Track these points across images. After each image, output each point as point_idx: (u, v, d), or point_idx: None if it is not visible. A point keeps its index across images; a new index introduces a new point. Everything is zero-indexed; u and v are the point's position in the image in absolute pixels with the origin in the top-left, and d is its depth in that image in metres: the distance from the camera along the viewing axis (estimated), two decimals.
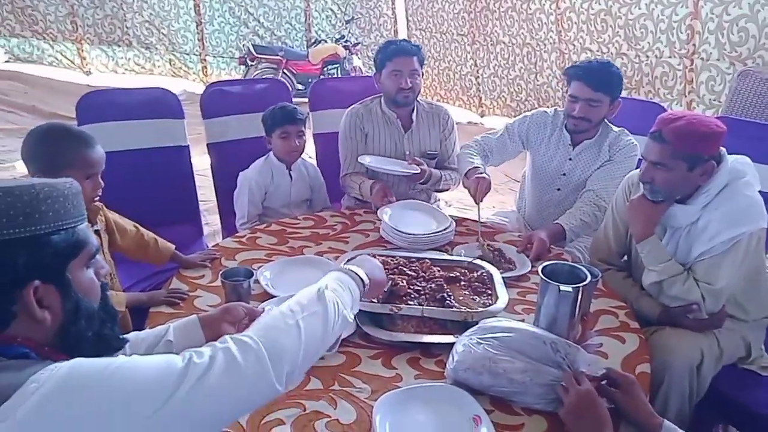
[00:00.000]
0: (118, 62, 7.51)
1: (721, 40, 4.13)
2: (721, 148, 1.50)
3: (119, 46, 7.42)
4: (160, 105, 2.37)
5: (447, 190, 2.36)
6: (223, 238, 2.23)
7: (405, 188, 2.28)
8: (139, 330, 1.24)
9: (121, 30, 7.33)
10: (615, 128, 2.09)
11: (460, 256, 1.75)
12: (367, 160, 2.18)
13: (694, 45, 4.33)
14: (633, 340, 1.38)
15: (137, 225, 1.72)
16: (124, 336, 0.94)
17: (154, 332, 1.20)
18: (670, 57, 4.55)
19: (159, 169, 2.38)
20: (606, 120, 2.07)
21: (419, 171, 2.11)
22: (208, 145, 2.50)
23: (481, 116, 6.61)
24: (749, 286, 1.57)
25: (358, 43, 6.96)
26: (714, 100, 4.31)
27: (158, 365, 0.74)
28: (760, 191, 1.54)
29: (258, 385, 0.80)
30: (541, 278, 1.28)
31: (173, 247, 1.71)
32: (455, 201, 4.14)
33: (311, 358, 0.91)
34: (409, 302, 1.41)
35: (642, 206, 1.58)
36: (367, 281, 1.10)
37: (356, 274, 1.09)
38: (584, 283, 1.25)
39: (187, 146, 2.43)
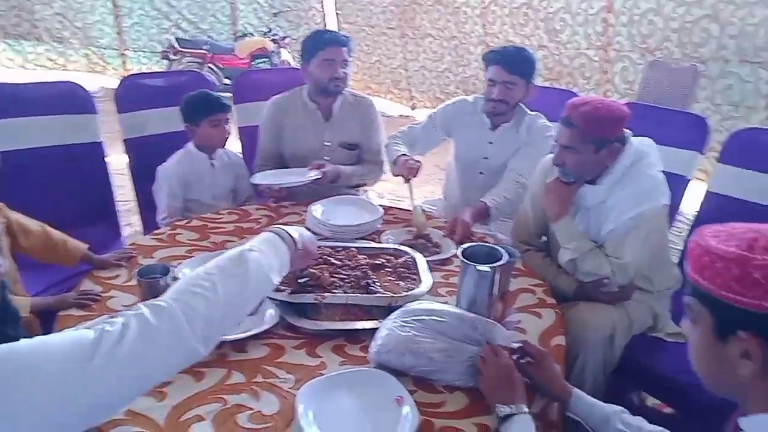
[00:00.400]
0: (27, 57, 7.04)
1: (633, 32, 4.38)
2: (626, 130, 1.59)
3: (28, 40, 6.96)
4: (70, 100, 2.25)
5: (364, 185, 2.35)
6: None
7: (322, 187, 2.23)
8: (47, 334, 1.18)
9: (30, 23, 6.87)
10: (530, 112, 2.18)
11: (389, 240, 1.78)
12: (261, 180, 2.07)
13: (608, 37, 4.57)
14: (549, 315, 1.44)
15: (44, 225, 1.61)
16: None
17: None
18: (587, 49, 4.78)
19: (71, 167, 2.26)
20: (522, 104, 2.16)
21: (320, 176, 2.06)
22: (125, 140, 2.39)
23: (412, 109, 6.70)
24: (654, 259, 1.67)
25: (286, 37, 6.85)
26: (628, 89, 4.56)
27: (68, 339, 0.73)
28: (662, 171, 1.65)
29: (175, 347, 0.79)
30: (461, 260, 1.32)
31: (85, 246, 1.61)
32: (387, 193, 4.17)
33: (231, 320, 0.90)
34: (334, 291, 1.40)
35: (556, 188, 1.65)
36: (300, 245, 1.09)
37: (289, 234, 1.07)
38: (501, 262, 1.29)
39: (101, 143, 2.32)
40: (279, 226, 1.12)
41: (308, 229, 1.80)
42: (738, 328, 0.72)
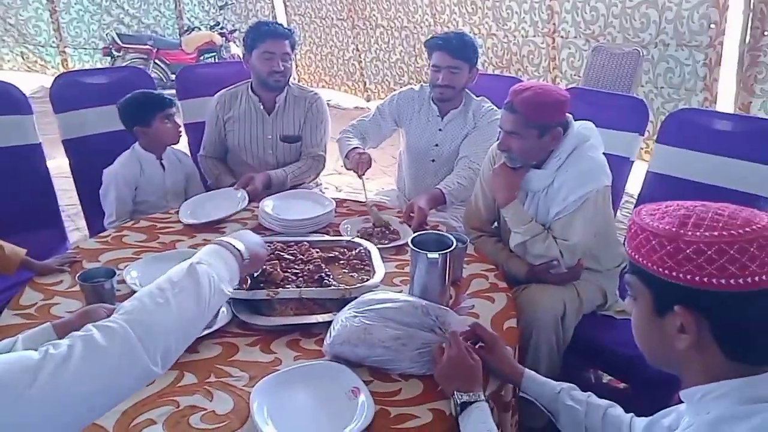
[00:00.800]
0: None
1: (577, 18, 4.48)
2: (568, 114, 1.63)
3: None
4: (2, 100, 2.14)
5: (302, 183, 2.32)
6: None
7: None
8: None
9: None
10: (476, 97, 2.22)
11: (347, 229, 1.79)
12: (187, 216, 1.87)
13: (554, 24, 4.66)
14: (501, 299, 1.46)
15: None
16: None
17: None
18: (534, 36, 4.85)
19: (8, 171, 2.16)
20: (467, 90, 2.19)
21: (247, 200, 1.94)
22: (63, 141, 2.30)
23: (368, 101, 6.67)
24: (601, 239, 1.72)
25: (234, 30, 6.72)
26: (574, 75, 4.67)
27: (8, 360, 0.70)
28: (607, 153, 1.70)
29: (127, 368, 0.77)
30: (411, 248, 1.33)
31: (24, 252, 1.54)
32: (345, 186, 4.16)
33: (187, 335, 0.89)
34: (287, 286, 1.39)
35: (503, 173, 1.68)
36: (246, 255, 1.07)
37: (234, 246, 1.06)
38: (450, 249, 1.31)
39: (40, 144, 2.23)
40: (222, 238, 1.09)
41: (260, 225, 1.80)
42: (674, 303, 0.74)
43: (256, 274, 1.37)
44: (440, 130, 2.21)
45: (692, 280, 0.71)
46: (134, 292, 1.39)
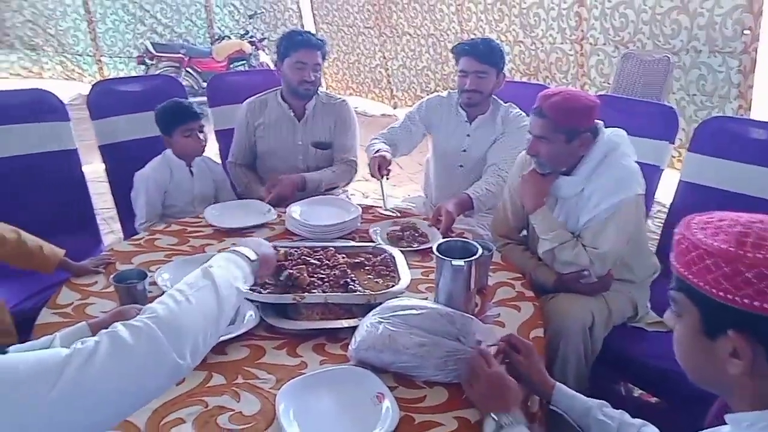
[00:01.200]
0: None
1: (605, 25, 4.42)
2: (597, 121, 1.62)
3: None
4: (40, 107, 2.22)
5: (336, 187, 2.35)
6: None
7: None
8: (25, 342, 1.17)
9: (0, 31, 6.75)
10: (504, 103, 2.22)
11: (376, 233, 1.80)
12: (216, 220, 1.89)
13: (582, 31, 4.61)
14: (528, 308, 1.45)
15: (18, 231, 1.58)
16: (4, 348, 0.89)
17: (38, 343, 1.14)
18: (562, 43, 4.81)
19: (46, 175, 2.23)
20: (495, 96, 2.20)
21: (274, 214, 1.94)
22: (100, 147, 2.37)
23: (394, 108, 6.69)
24: (633, 248, 1.69)
25: (264, 39, 6.82)
26: (603, 82, 4.60)
27: (40, 355, 0.72)
28: (636, 161, 1.67)
29: (154, 367, 0.79)
30: (436, 255, 1.33)
31: (62, 252, 1.59)
32: (372, 192, 4.18)
33: (212, 331, 0.90)
34: (313, 291, 1.41)
35: (532, 179, 1.67)
36: (254, 257, 1.10)
37: (241, 252, 1.09)
38: (475, 257, 1.30)
39: (76, 150, 2.30)
40: (229, 248, 1.13)
41: (287, 231, 1.83)
42: (728, 327, 0.69)
43: (281, 278, 1.39)
44: (468, 135, 2.21)
45: (751, 305, 0.66)
46: (165, 293, 1.44)
